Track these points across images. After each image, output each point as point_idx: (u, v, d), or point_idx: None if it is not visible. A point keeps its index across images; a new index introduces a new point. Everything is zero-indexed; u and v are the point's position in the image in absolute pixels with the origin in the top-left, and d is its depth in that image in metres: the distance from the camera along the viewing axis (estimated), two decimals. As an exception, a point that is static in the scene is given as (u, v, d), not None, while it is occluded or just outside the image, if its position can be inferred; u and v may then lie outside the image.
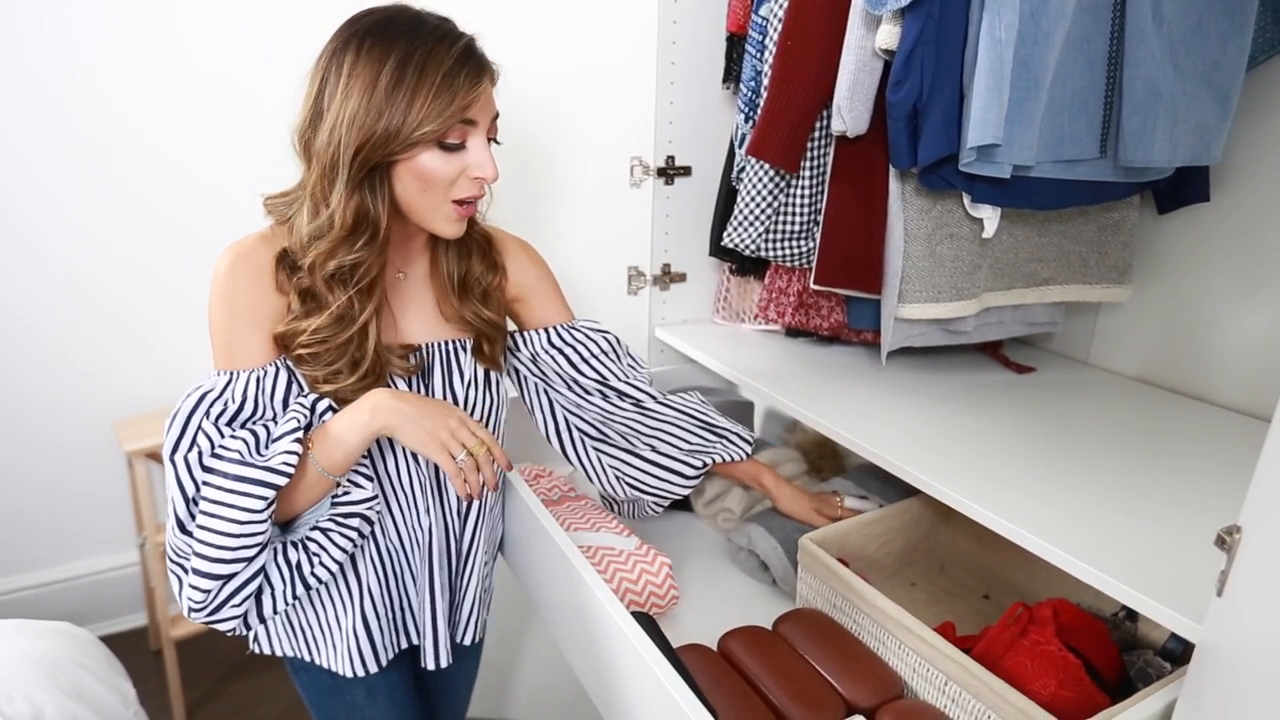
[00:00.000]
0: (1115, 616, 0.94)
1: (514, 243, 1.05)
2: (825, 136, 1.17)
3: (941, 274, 1.10)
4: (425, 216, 0.86)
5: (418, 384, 0.94)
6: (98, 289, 1.99)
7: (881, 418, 1.09)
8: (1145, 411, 1.12)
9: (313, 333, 0.83)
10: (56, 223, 1.91)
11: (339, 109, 0.79)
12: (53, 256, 1.93)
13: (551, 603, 1.05)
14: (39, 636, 1.33)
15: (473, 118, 0.83)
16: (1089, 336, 1.31)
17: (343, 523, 0.88)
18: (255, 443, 0.80)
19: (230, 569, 0.80)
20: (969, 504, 0.86)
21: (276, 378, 0.85)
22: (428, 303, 0.96)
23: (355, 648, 0.97)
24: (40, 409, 2.03)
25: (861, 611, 0.97)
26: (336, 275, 0.83)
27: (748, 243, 1.26)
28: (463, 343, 0.98)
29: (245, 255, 0.84)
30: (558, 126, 1.38)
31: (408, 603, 1.00)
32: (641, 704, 0.82)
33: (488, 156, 0.85)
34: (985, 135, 0.91)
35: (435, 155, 0.82)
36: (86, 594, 2.19)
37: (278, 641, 1.00)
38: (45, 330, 1.98)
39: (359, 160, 0.80)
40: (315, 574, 0.87)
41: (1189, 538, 0.80)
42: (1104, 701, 0.79)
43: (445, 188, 0.84)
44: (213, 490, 0.78)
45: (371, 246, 0.84)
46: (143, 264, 1.99)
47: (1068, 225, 1.16)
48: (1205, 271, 1.13)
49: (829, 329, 1.31)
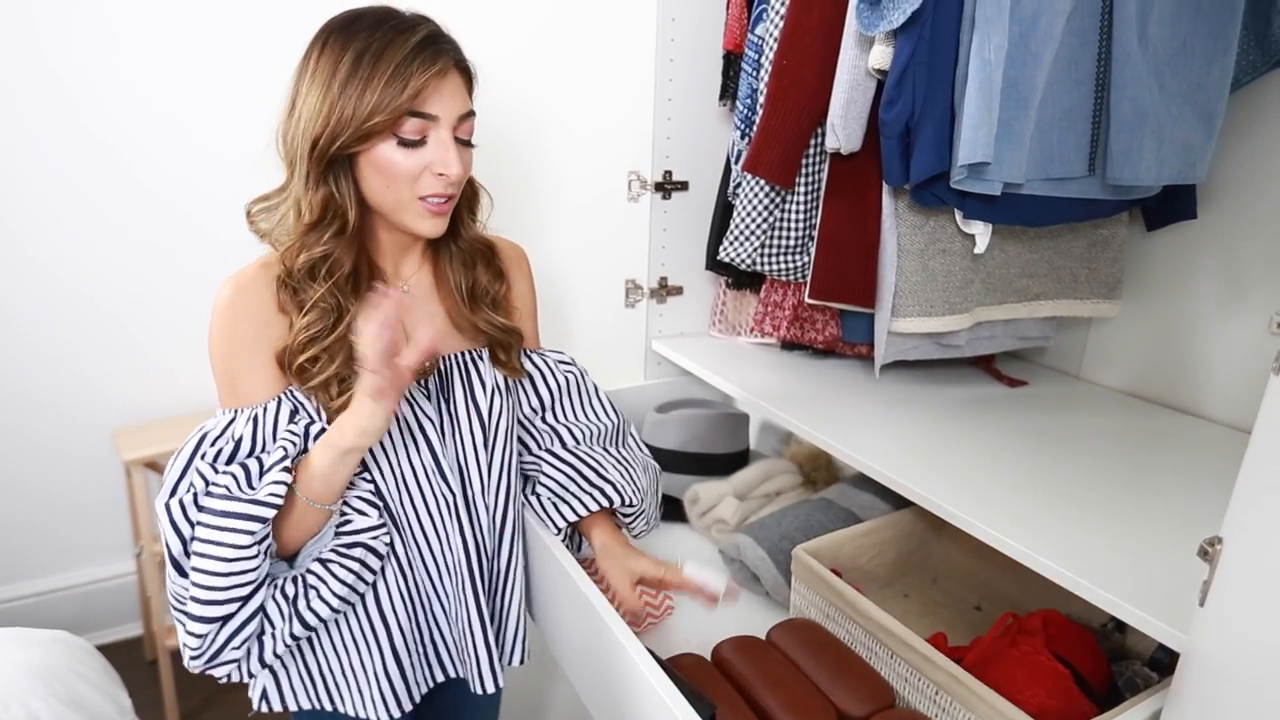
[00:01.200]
0: (1104, 627, 0.95)
1: (510, 249, 1.04)
2: (820, 153, 1.19)
3: (934, 289, 1.11)
4: (396, 214, 0.85)
5: (438, 399, 0.93)
6: (97, 298, 2.00)
7: (875, 430, 1.10)
8: (1135, 424, 1.14)
9: (301, 330, 0.82)
10: (55, 232, 1.92)
11: (302, 104, 0.80)
12: (52, 265, 1.94)
13: (565, 636, 1.04)
14: (36, 645, 1.34)
15: (428, 111, 0.80)
16: (1080, 351, 1.32)
17: (344, 553, 0.85)
18: (246, 476, 0.79)
19: (224, 609, 0.78)
20: (961, 516, 0.88)
21: (279, 410, 0.84)
22: (438, 314, 0.95)
23: (388, 688, 0.93)
24: (39, 417, 2.04)
25: (854, 621, 0.98)
26: (311, 270, 0.83)
27: (744, 257, 1.28)
28: (478, 352, 0.96)
29: (246, 287, 0.83)
30: (558, 141, 1.40)
31: (438, 634, 0.97)
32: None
33: (451, 153, 0.82)
34: (976, 153, 0.93)
35: (393, 149, 0.81)
36: (82, 603, 2.19)
37: (291, 696, 0.95)
38: (44, 339, 1.99)
39: (316, 152, 0.79)
40: (313, 608, 0.84)
41: (1176, 549, 0.81)
42: (1092, 711, 0.80)
43: (408, 184, 0.83)
44: (203, 529, 0.76)
45: (340, 238, 0.83)
46: (142, 273, 2.00)
47: (1058, 241, 1.18)
48: (1193, 287, 1.15)
49: (824, 342, 1.33)
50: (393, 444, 0.89)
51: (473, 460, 0.94)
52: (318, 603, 0.84)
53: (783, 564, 1.13)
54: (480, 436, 0.94)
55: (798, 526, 1.19)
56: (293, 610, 0.84)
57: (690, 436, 1.43)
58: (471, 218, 0.97)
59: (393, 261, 0.93)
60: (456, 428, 0.94)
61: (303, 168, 0.81)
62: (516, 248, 1.05)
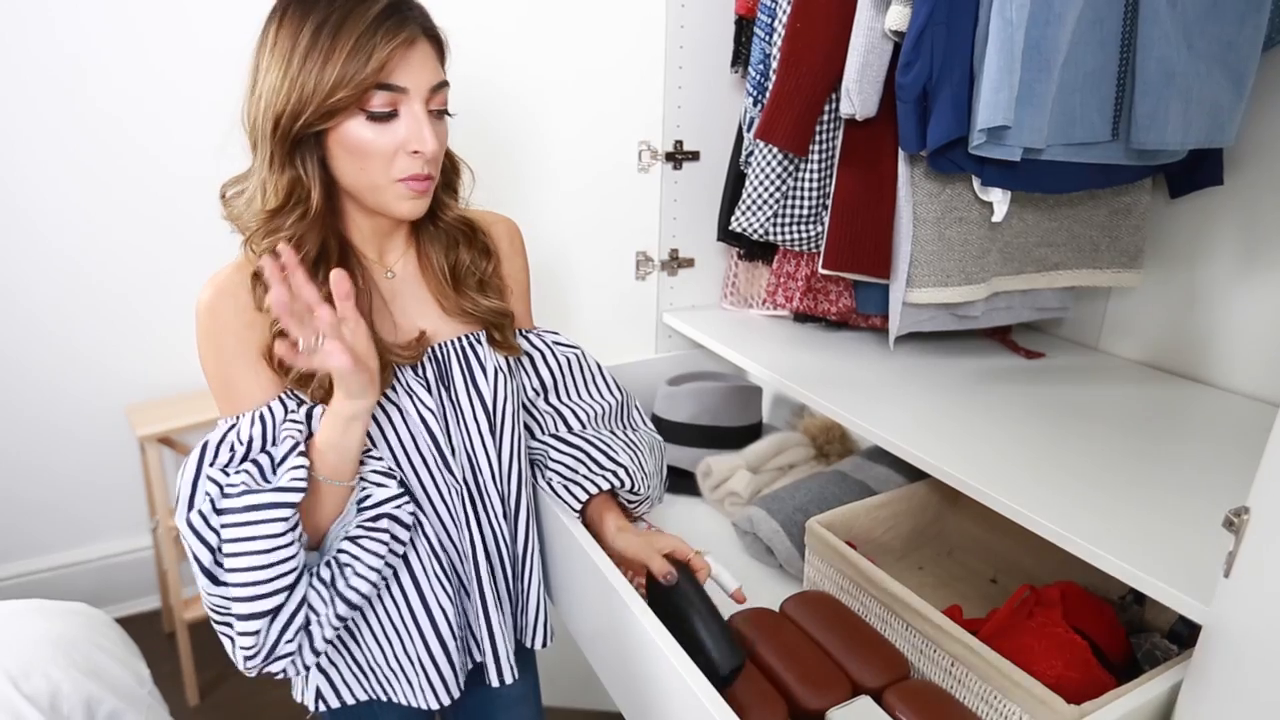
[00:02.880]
0: (1123, 599, 0.94)
1: (502, 225, 1.00)
2: (834, 120, 1.17)
3: (950, 258, 1.09)
4: (374, 197, 0.81)
5: (438, 389, 0.90)
6: (107, 277, 2.01)
7: (890, 402, 1.09)
8: (1154, 396, 1.12)
9: (274, 323, 0.78)
10: (66, 212, 1.92)
11: (262, 81, 0.77)
12: (62, 245, 1.94)
13: (583, 615, 1.04)
14: (57, 616, 1.35)
15: (397, 83, 0.76)
16: (1099, 322, 1.30)
17: (371, 527, 0.84)
18: (260, 472, 0.78)
19: (273, 602, 0.78)
20: (977, 487, 0.86)
21: (286, 409, 0.81)
22: (426, 299, 0.92)
23: (436, 676, 0.92)
24: (53, 400, 2.06)
25: (869, 594, 0.97)
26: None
27: (755, 227, 1.26)
28: (476, 336, 0.93)
29: (222, 289, 0.80)
30: (565, 111, 1.38)
31: (467, 619, 0.96)
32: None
33: (425, 128, 0.78)
34: (995, 117, 0.90)
35: (363, 125, 0.77)
36: (100, 577, 2.22)
37: (346, 690, 0.95)
38: (57, 319, 2.00)
39: (279, 132, 0.76)
40: (353, 586, 0.83)
41: (1196, 521, 0.80)
42: (1110, 683, 0.79)
43: (383, 164, 0.79)
44: (230, 530, 0.75)
45: (304, 222, 0.80)
46: (151, 251, 2.01)
47: (1078, 209, 1.15)
48: (1216, 255, 1.12)
49: (837, 314, 1.31)
50: (398, 438, 0.87)
51: (480, 449, 0.92)
52: (356, 579, 0.83)
53: (796, 537, 1.12)
54: (485, 423, 0.92)
55: (811, 499, 1.19)
56: (333, 593, 0.83)
57: (702, 409, 1.43)
58: (452, 195, 0.94)
59: (374, 246, 0.90)
60: (460, 417, 0.91)
61: (265, 148, 0.78)
62: (507, 222, 1.01)
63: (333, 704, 0.95)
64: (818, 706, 0.83)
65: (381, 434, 0.86)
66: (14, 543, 2.13)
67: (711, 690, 0.73)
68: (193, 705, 1.95)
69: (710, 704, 0.72)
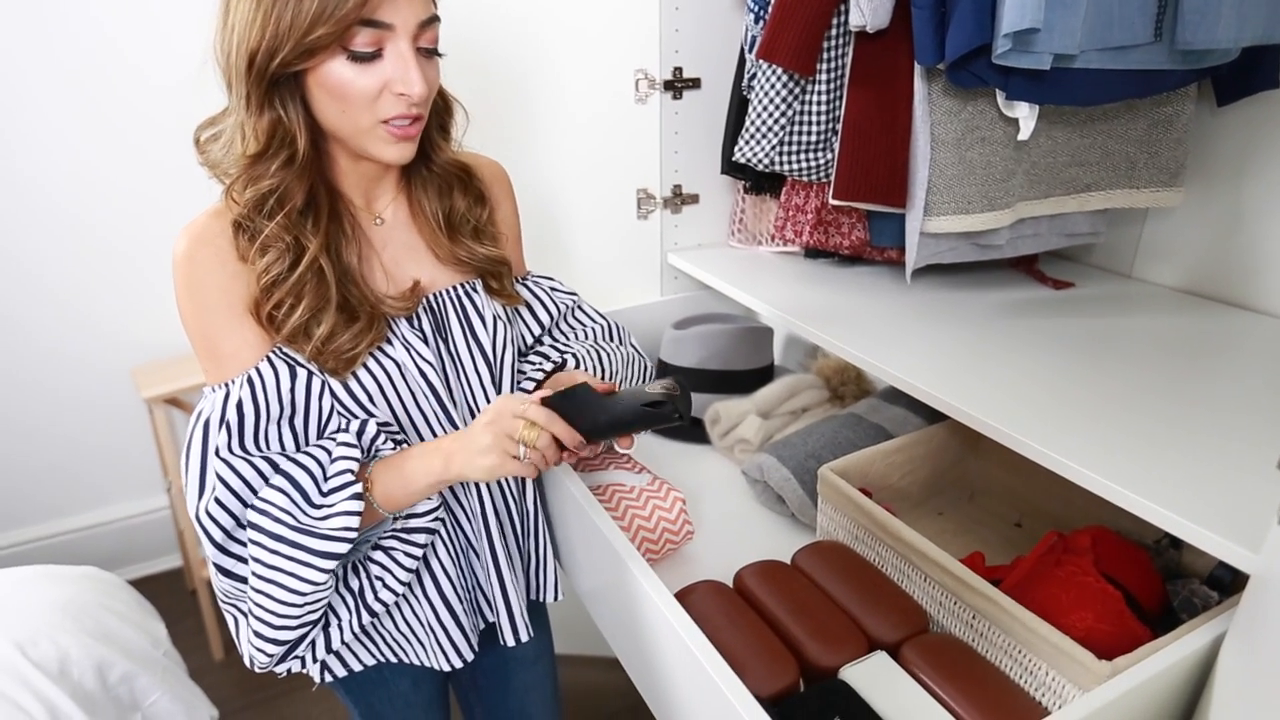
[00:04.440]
0: (1158, 543, 0.88)
1: (489, 169, 0.95)
2: (843, 34, 1.07)
3: (972, 182, 1.01)
4: (358, 141, 0.76)
5: (435, 341, 0.85)
6: (111, 238, 1.97)
7: (907, 341, 1.02)
8: (1194, 326, 1.04)
9: (261, 274, 0.74)
10: (71, 173, 1.89)
11: (234, 13, 0.70)
12: (66, 205, 1.91)
13: (584, 570, 1.01)
14: (65, 581, 1.35)
15: (382, 18, 0.70)
16: (1133, 247, 1.21)
17: (406, 539, 0.82)
18: (305, 497, 0.73)
19: (298, 634, 0.77)
20: (1000, 429, 0.80)
21: (278, 374, 0.76)
22: (418, 247, 0.87)
23: (447, 640, 0.91)
24: (61, 362, 2.05)
25: (884, 543, 0.92)
26: (261, 205, 0.74)
27: (760, 156, 1.17)
28: (472, 284, 0.89)
29: (200, 238, 0.74)
30: (556, 40, 1.29)
31: (477, 579, 0.94)
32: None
33: (413, 69, 0.72)
34: (1024, 19, 0.81)
35: (345, 65, 0.71)
36: (121, 538, 2.24)
37: (354, 658, 0.93)
38: (61, 283, 1.98)
39: (254, 73, 0.70)
40: (380, 598, 0.82)
41: (1242, 461, 0.73)
42: (1145, 635, 0.74)
43: (366, 106, 0.73)
44: (262, 553, 0.71)
45: (290, 168, 0.74)
46: (153, 211, 1.96)
47: (1113, 123, 1.05)
48: (1265, 169, 1.02)
49: (850, 247, 1.23)
50: (397, 395, 0.83)
51: (482, 400, 0.88)
52: (385, 592, 0.83)
53: (809, 484, 1.07)
54: (486, 373, 0.88)
55: (824, 444, 1.13)
56: (360, 603, 0.82)
57: (710, 353, 1.36)
58: (444, 137, 0.88)
59: (362, 193, 0.84)
60: (460, 369, 0.87)
61: (241, 89, 0.72)
62: (496, 165, 0.96)
63: (339, 673, 0.94)
64: (830, 664, 0.79)
65: (380, 390, 0.82)
66: (30, 508, 2.15)
67: (708, 646, 0.69)
68: (218, 660, 1.98)
69: (704, 656, 0.69)
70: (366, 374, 0.80)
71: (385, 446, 0.80)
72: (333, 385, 0.79)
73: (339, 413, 0.80)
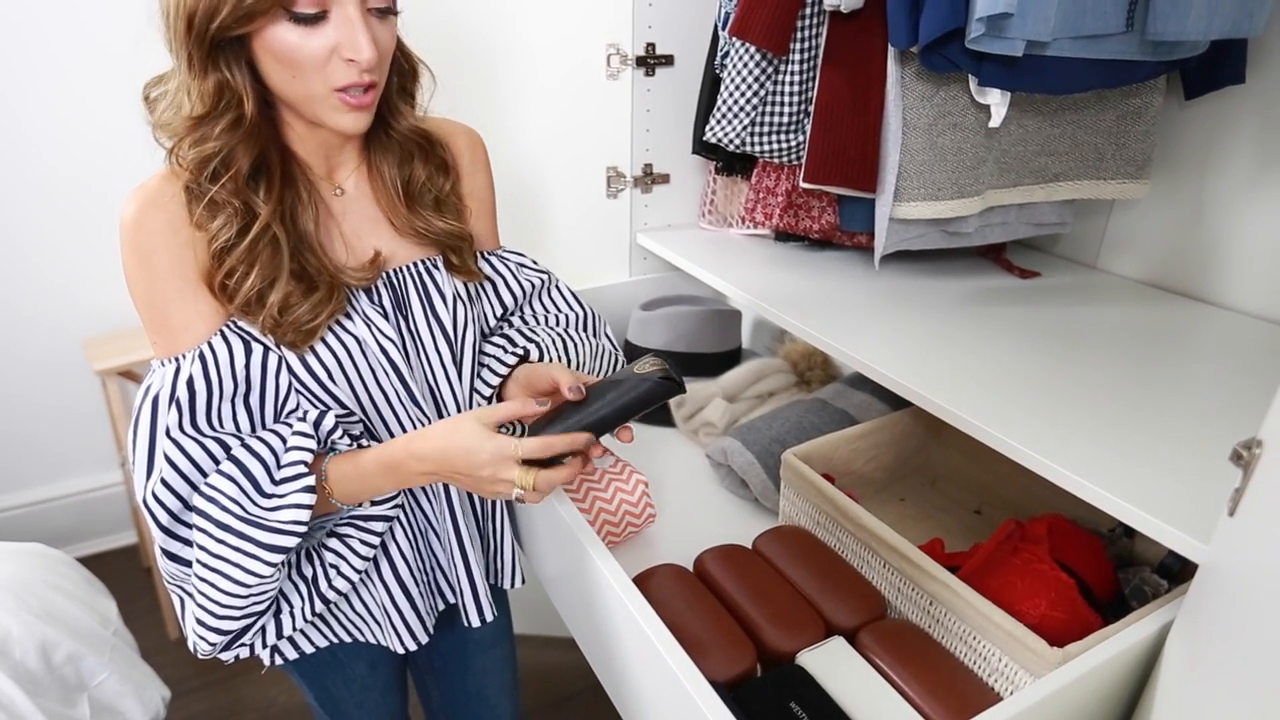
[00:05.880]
0: (1112, 532, 0.90)
1: (463, 136, 0.91)
2: (818, 14, 1.05)
3: (942, 169, 1.00)
4: (311, 109, 0.72)
5: (395, 317, 0.82)
6: (73, 193, 1.89)
7: (873, 327, 1.02)
8: (1156, 318, 1.05)
9: (213, 240, 0.71)
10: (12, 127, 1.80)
11: None
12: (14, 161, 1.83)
13: (544, 555, 1.00)
14: (8, 558, 1.31)
15: None
16: (1098, 238, 1.22)
17: (363, 527, 0.80)
18: (255, 486, 0.70)
19: (243, 623, 0.75)
20: (960, 415, 0.80)
21: (232, 350, 0.73)
22: (378, 218, 0.84)
23: (401, 623, 0.89)
24: (13, 328, 1.97)
25: (844, 529, 0.92)
26: (203, 167, 0.71)
27: (731, 136, 1.16)
28: (433, 260, 0.86)
29: (151, 201, 0.71)
30: (524, 13, 1.25)
31: (437, 561, 0.92)
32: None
33: (360, 32, 0.68)
34: (997, 3, 0.80)
35: (288, 29, 0.67)
36: (75, 513, 2.18)
37: (306, 640, 0.91)
38: (16, 241, 1.89)
39: (194, 35, 0.67)
40: (335, 586, 0.80)
41: (1197, 452, 0.74)
42: (1096, 623, 0.75)
43: (316, 72, 0.69)
44: (212, 542, 0.69)
45: (235, 131, 0.71)
46: (101, 172, 1.89)
47: (1083, 114, 1.05)
48: (1229, 164, 1.03)
49: (820, 231, 1.22)
50: (357, 371, 0.80)
51: (443, 379, 0.86)
52: (339, 580, 0.81)
53: (772, 469, 1.07)
54: (447, 352, 0.85)
55: (789, 429, 1.13)
56: (313, 590, 0.80)
57: (677, 335, 1.35)
58: (407, 101, 0.84)
59: (322, 160, 0.81)
60: (420, 347, 0.84)
61: (183, 51, 0.68)
62: (470, 132, 0.92)
63: (290, 656, 0.91)
64: (788, 649, 0.79)
65: (340, 367, 0.79)
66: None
67: (664, 631, 0.69)
68: (173, 639, 1.95)
69: (660, 642, 0.69)
70: (326, 350, 0.77)
71: (342, 442, 0.77)
72: (291, 362, 0.76)
73: (297, 390, 0.78)
